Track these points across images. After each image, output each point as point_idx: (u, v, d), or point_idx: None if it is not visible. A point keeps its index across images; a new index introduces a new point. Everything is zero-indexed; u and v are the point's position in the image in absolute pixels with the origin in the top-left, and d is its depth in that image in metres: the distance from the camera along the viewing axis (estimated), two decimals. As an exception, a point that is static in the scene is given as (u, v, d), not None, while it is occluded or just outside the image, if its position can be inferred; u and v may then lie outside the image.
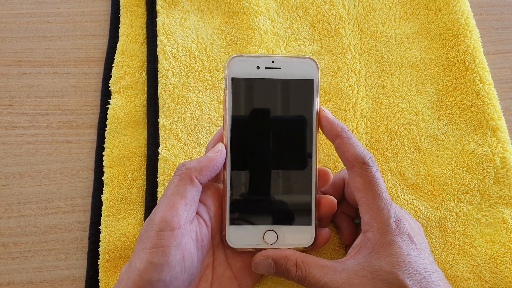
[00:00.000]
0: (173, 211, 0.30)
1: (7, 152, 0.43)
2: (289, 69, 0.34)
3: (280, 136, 0.34)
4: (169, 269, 0.29)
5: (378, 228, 0.31)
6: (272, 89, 0.34)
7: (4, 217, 0.40)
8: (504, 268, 0.37)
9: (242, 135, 0.34)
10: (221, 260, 0.34)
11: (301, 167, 0.35)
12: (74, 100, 0.45)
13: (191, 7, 0.46)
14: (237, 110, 0.34)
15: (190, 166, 0.32)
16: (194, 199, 0.32)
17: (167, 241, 0.29)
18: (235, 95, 0.34)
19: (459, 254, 0.38)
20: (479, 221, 0.39)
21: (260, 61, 0.34)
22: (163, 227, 0.30)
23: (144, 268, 0.29)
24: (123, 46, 0.46)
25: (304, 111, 0.35)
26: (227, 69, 0.34)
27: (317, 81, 0.35)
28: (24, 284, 0.38)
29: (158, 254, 0.29)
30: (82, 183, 0.42)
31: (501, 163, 0.40)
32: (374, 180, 0.32)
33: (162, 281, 0.29)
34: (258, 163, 0.34)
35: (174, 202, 0.30)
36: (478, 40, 0.44)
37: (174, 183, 0.32)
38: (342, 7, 0.46)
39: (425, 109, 0.42)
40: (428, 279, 0.30)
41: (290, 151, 0.35)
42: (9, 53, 0.47)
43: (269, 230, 0.34)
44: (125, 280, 0.29)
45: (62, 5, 0.49)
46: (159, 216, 0.30)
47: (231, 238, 0.34)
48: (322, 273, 0.31)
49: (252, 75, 0.34)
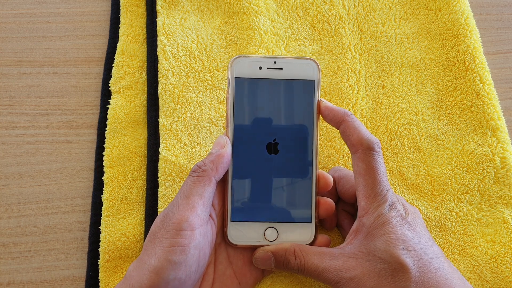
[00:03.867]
0: (193, 211, 0.30)
1: (7, 152, 0.43)
2: (291, 70, 0.35)
3: (283, 134, 0.35)
4: (185, 268, 0.29)
5: (373, 212, 0.31)
6: (273, 89, 0.35)
7: (4, 217, 0.40)
8: (505, 268, 0.37)
9: (244, 134, 0.35)
10: (222, 258, 0.34)
11: (302, 165, 0.35)
12: (74, 100, 0.45)
13: (191, 7, 0.46)
14: (239, 110, 0.35)
15: (207, 167, 0.32)
16: (210, 200, 0.32)
17: (187, 240, 0.30)
18: (237, 94, 0.35)
19: (459, 254, 0.38)
20: (479, 221, 0.39)
21: (262, 61, 0.35)
22: (184, 226, 0.30)
23: (161, 266, 0.29)
24: (123, 46, 0.46)
25: (304, 111, 0.35)
26: (230, 69, 0.35)
27: (318, 82, 0.35)
28: (24, 284, 0.38)
29: (178, 252, 0.29)
30: (82, 183, 0.42)
31: (501, 163, 0.40)
32: (376, 166, 0.32)
33: (178, 279, 0.29)
34: (260, 161, 0.35)
35: (194, 203, 0.31)
36: (478, 40, 0.44)
37: (190, 183, 0.32)
38: (342, 7, 0.46)
39: (425, 109, 0.42)
40: (424, 256, 0.30)
41: (292, 150, 0.35)
42: (9, 53, 0.47)
43: (269, 227, 0.35)
44: (135, 277, 0.29)
45: (62, 5, 0.49)
46: (178, 215, 0.30)
47: (232, 234, 0.34)
48: (320, 259, 0.31)
49: (254, 75, 0.35)
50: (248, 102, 0.35)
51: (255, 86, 0.35)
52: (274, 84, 0.35)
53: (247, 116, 0.35)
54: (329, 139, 0.41)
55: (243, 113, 0.35)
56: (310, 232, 0.35)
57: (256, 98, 0.35)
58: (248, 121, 0.35)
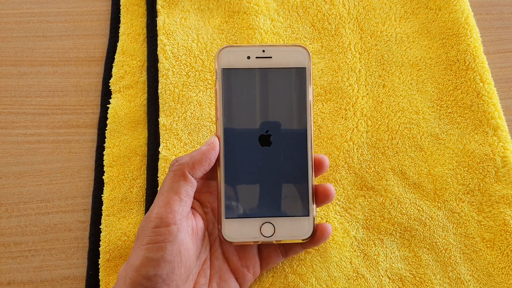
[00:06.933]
0: (168, 207, 0.30)
1: (7, 152, 0.43)
2: (280, 58, 0.34)
3: (275, 125, 0.34)
4: (165, 264, 0.29)
5: None
6: (263, 79, 0.34)
7: (5, 217, 0.40)
8: (501, 273, 0.37)
9: (235, 127, 0.34)
10: (218, 254, 0.34)
11: (297, 156, 0.34)
12: (75, 100, 0.45)
13: (191, 7, 0.46)
14: (229, 102, 0.33)
15: (183, 161, 0.32)
16: (188, 194, 0.32)
17: (162, 237, 0.30)
18: (226, 86, 0.33)
19: (460, 257, 0.38)
20: (480, 223, 0.39)
21: (250, 50, 0.34)
22: (158, 223, 0.30)
23: (140, 264, 0.29)
24: (123, 46, 0.46)
25: (297, 100, 0.34)
26: (217, 60, 0.33)
27: (309, 69, 0.34)
28: (24, 283, 0.38)
29: (154, 249, 0.29)
30: (83, 183, 0.42)
31: (502, 162, 0.40)
32: None
33: (159, 276, 0.29)
34: (253, 155, 0.34)
35: (168, 199, 0.31)
36: (478, 39, 0.44)
37: (168, 179, 0.32)
38: (342, 7, 0.46)
39: (426, 108, 0.42)
40: None
41: (286, 141, 0.34)
42: (10, 52, 0.47)
43: (266, 223, 0.33)
44: (123, 278, 0.30)
45: (62, 4, 0.49)
46: (154, 213, 0.31)
47: (227, 232, 0.33)
48: None
49: (243, 65, 0.34)
50: (238, 93, 0.33)
51: (244, 77, 0.34)
52: (263, 73, 0.34)
53: (237, 108, 0.34)
54: (330, 137, 0.41)
55: (233, 105, 0.33)
56: (308, 226, 0.34)
57: (246, 89, 0.34)
58: (238, 114, 0.34)
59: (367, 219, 0.39)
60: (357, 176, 0.40)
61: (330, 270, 0.37)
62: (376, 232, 0.39)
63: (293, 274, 0.37)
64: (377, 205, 0.39)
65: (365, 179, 0.40)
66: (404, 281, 0.37)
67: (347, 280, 0.37)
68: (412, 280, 0.37)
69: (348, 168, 0.40)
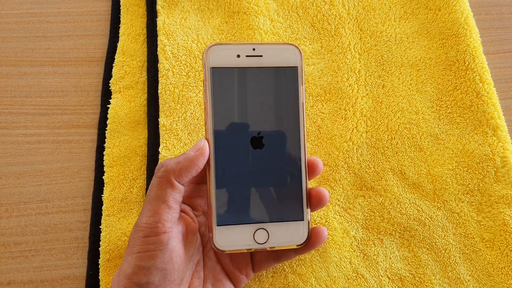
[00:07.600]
0: (156, 217, 0.30)
1: (7, 152, 0.43)
2: (271, 57, 0.33)
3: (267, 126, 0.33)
4: (156, 271, 0.29)
5: None
6: (254, 79, 0.33)
7: (5, 217, 0.40)
8: (501, 273, 0.37)
9: (226, 129, 0.32)
10: (211, 255, 0.34)
11: (290, 159, 0.33)
12: (75, 100, 0.45)
13: (191, 7, 0.46)
14: (218, 102, 0.32)
15: (169, 168, 0.31)
16: (176, 201, 0.31)
17: (153, 245, 0.30)
18: (215, 86, 0.32)
19: (460, 257, 0.38)
20: (480, 223, 0.39)
21: (240, 49, 0.32)
22: (148, 233, 0.30)
23: (132, 272, 0.29)
24: (123, 46, 0.46)
25: (289, 100, 0.33)
26: (205, 58, 0.32)
27: (301, 68, 0.33)
28: (24, 283, 0.38)
29: (145, 258, 0.29)
30: (83, 183, 0.42)
31: (502, 162, 0.40)
32: None
33: (151, 283, 0.29)
34: (245, 158, 0.32)
35: (156, 208, 0.30)
36: (477, 39, 0.44)
37: (154, 186, 0.31)
38: (342, 7, 0.46)
39: (425, 108, 0.42)
40: None
41: (278, 143, 0.33)
42: (10, 52, 0.47)
43: (259, 229, 0.32)
44: (116, 284, 0.30)
45: (62, 5, 0.49)
46: (143, 222, 0.30)
47: (219, 240, 0.32)
48: None
49: (232, 64, 0.32)
50: (227, 93, 0.32)
51: (234, 76, 0.32)
52: (254, 72, 0.32)
53: (227, 109, 0.32)
54: (329, 137, 0.41)
55: (223, 106, 0.32)
56: (303, 231, 0.32)
57: (236, 89, 0.32)
58: (228, 115, 0.32)
59: (366, 219, 0.39)
60: (357, 176, 0.40)
61: (330, 270, 0.37)
62: (376, 232, 0.39)
63: (293, 274, 0.37)
64: (377, 205, 0.39)
65: (364, 179, 0.40)
66: (403, 281, 0.37)
67: (347, 280, 0.37)
68: (411, 280, 0.37)
69: (348, 168, 0.40)
